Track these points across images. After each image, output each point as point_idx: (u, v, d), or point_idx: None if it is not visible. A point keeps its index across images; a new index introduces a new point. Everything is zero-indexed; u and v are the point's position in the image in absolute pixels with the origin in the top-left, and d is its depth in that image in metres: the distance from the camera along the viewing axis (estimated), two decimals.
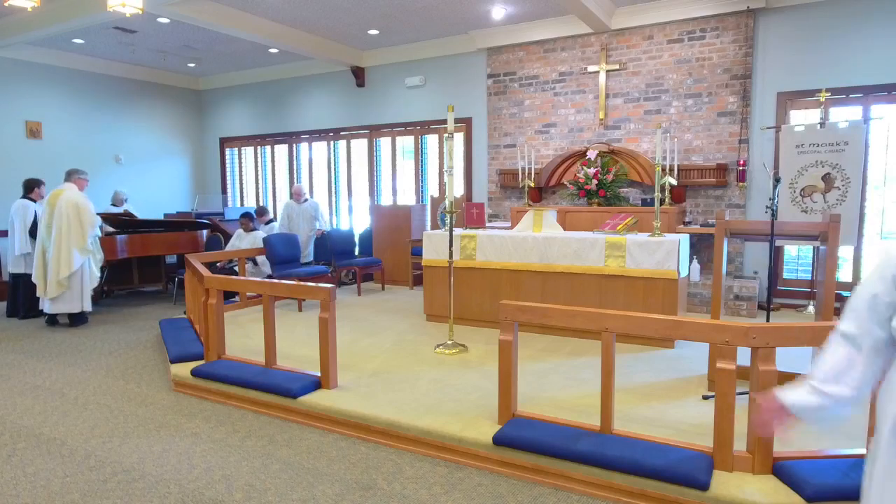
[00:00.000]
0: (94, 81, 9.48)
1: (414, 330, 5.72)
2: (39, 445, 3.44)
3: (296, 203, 8.58)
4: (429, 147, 9.03)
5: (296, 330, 5.70)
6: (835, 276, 3.63)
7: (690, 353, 4.77)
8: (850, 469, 2.63)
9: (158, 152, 10.51)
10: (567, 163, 7.40)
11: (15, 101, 8.55)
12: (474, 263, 5.75)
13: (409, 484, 2.95)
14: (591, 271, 5.21)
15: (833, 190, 5.76)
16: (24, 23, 7.24)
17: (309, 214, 8.54)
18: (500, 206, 8.14)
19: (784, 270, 6.66)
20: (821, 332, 2.87)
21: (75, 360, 5.18)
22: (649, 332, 2.99)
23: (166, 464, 3.18)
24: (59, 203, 6.21)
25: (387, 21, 7.51)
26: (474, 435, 3.18)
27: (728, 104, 6.61)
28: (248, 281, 5.08)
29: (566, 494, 2.86)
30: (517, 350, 3.30)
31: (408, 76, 8.82)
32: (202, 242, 8.01)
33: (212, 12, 6.81)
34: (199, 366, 4.38)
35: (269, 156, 10.75)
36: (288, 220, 8.58)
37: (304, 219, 8.51)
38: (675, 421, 3.37)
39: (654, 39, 6.95)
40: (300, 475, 3.05)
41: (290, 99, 10.10)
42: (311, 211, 8.58)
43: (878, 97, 6.04)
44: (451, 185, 5.00)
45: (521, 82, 7.84)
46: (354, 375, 4.24)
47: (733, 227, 3.95)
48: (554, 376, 4.23)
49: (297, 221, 8.51)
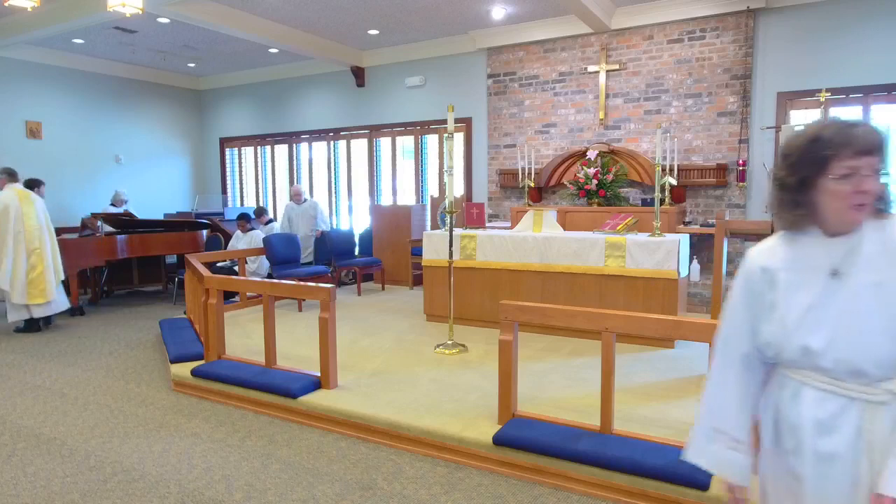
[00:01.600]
0: (94, 81, 9.48)
1: (414, 330, 5.72)
2: (39, 445, 3.44)
3: (295, 204, 8.58)
4: (429, 147, 9.03)
5: (296, 330, 5.70)
6: None
7: (690, 353, 4.77)
8: None
9: (158, 152, 10.51)
10: (567, 163, 7.39)
11: (15, 101, 8.55)
12: (474, 263, 5.75)
13: (409, 484, 2.95)
14: (591, 271, 5.21)
15: None
16: (24, 23, 7.24)
17: (309, 215, 8.54)
18: (500, 206, 8.14)
19: None
20: None
21: (75, 360, 5.18)
22: (649, 332, 2.99)
23: (166, 464, 3.18)
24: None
25: (387, 21, 7.51)
26: (474, 435, 3.18)
27: (728, 104, 6.61)
28: (248, 281, 5.09)
29: (566, 494, 2.86)
30: (517, 350, 3.30)
31: (408, 76, 8.82)
32: (202, 242, 8.01)
33: (212, 12, 6.81)
34: (199, 366, 4.38)
35: (269, 156, 10.74)
36: (289, 221, 8.57)
37: (304, 219, 8.51)
38: (675, 421, 3.37)
39: (654, 39, 6.95)
40: (300, 475, 3.05)
41: (290, 99, 10.10)
42: (311, 211, 8.57)
43: (878, 97, 6.04)
44: (451, 185, 5.00)
45: (521, 82, 7.84)
46: (354, 375, 4.24)
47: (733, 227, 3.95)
48: (554, 376, 4.23)
49: (297, 222, 8.51)
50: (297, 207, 8.56)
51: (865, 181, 1.26)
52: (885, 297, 1.26)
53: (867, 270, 1.28)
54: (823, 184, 1.29)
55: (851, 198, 1.27)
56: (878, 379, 1.27)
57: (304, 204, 8.57)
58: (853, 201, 1.27)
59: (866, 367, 1.27)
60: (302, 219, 8.51)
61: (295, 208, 8.57)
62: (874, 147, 1.26)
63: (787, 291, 1.36)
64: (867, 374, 1.27)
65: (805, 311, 1.33)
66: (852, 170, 1.26)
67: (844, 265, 1.30)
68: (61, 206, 8.75)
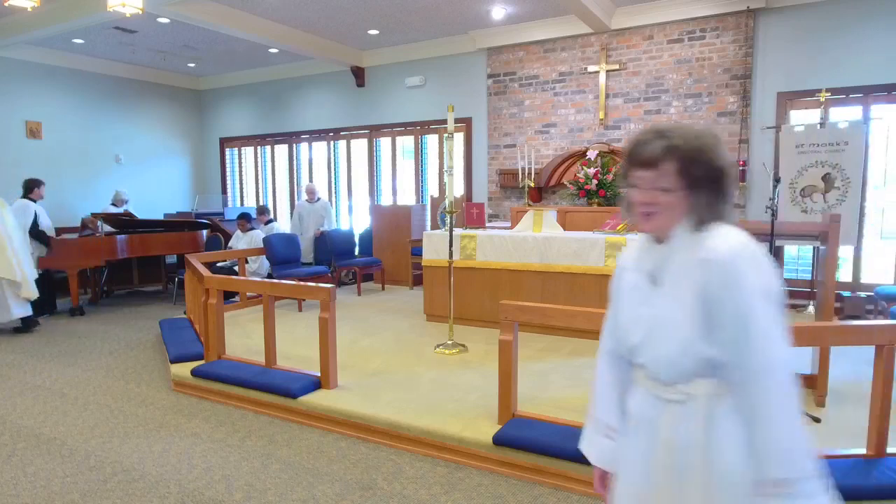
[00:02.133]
0: (94, 81, 9.48)
1: (414, 330, 5.72)
2: (39, 445, 3.44)
3: (308, 203, 8.64)
4: (429, 147, 9.03)
5: (296, 330, 5.70)
6: (835, 276, 3.63)
7: None
8: (850, 469, 2.64)
9: (158, 152, 10.51)
10: (567, 163, 7.40)
11: (15, 101, 8.55)
12: (474, 263, 5.74)
13: (409, 484, 2.95)
14: (591, 271, 5.21)
15: (833, 190, 5.76)
16: (24, 23, 7.24)
17: (319, 214, 8.60)
18: (500, 206, 8.14)
19: (784, 270, 6.66)
20: (821, 332, 2.88)
21: (75, 360, 5.18)
22: None
23: (166, 464, 3.18)
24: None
25: (387, 21, 7.51)
26: (474, 435, 3.18)
27: (728, 104, 6.61)
28: (248, 281, 5.09)
29: (566, 494, 2.85)
30: (517, 350, 3.30)
31: (408, 76, 8.82)
32: (202, 242, 8.01)
33: (212, 12, 6.81)
34: (199, 366, 4.38)
35: (269, 156, 10.75)
36: (300, 219, 8.65)
37: (314, 218, 8.57)
38: None
39: (654, 39, 6.95)
40: (300, 475, 3.05)
41: (290, 99, 10.10)
42: (321, 210, 8.64)
43: (878, 97, 6.04)
44: (451, 185, 5.00)
45: (521, 82, 7.84)
46: (354, 375, 4.24)
47: None
48: (554, 376, 4.23)
49: (308, 221, 8.58)
50: (310, 206, 8.62)
51: (638, 193, 1.32)
52: (679, 307, 1.29)
53: (671, 279, 1.32)
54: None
55: (636, 206, 1.34)
56: (671, 381, 1.33)
57: (316, 203, 8.63)
58: (637, 210, 1.34)
59: (660, 369, 1.34)
60: (312, 217, 8.58)
61: (307, 206, 8.64)
62: (648, 161, 1.30)
63: (626, 292, 1.43)
64: (661, 375, 1.34)
65: (632, 312, 1.40)
66: (636, 180, 1.33)
67: (659, 271, 1.35)
68: (61, 206, 8.76)
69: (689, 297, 1.27)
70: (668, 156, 1.28)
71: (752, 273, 1.23)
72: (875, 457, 2.72)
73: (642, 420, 1.39)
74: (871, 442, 2.75)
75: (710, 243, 1.27)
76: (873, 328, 2.81)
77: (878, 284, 5.88)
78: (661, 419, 1.35)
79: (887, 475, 2.56)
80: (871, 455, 2.73)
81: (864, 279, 6.24)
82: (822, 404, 3.58)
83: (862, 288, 6.15)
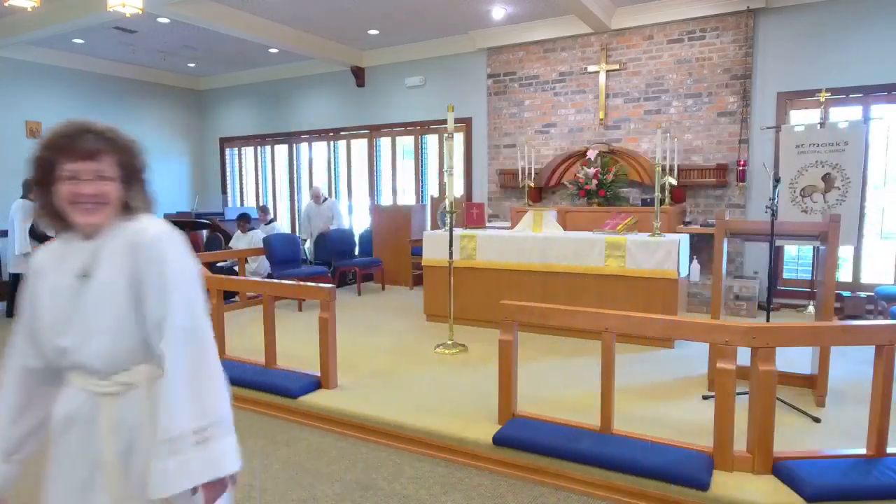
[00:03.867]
0: (94, 81, 9.48)
1: (414, 330, 5.72)
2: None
3: (315, 205, 8.69)
4: (429, 147, 9.03)
5: (296, 330, 5.70)
6: (835, 276, 3.63)
7: (690, 353, 4.76)
8: (850, 469, 2.64)
9: (158, 152, 10.50)
10: (567, 163, 7.39)
11: (15, 101, 8.55)
12: (474, 263, 5.74)
13: (409, 484, 2.95)
14: (591, 271, 5.21)
15: (833, 190, 5.76)
16: (24, 23, 7.24)
17: (326, 215, 8.62)
18: (500, 206, 8.14)
19: (784, 270, 6.66)
20: (821, 332, 2.88)
21: None
22: (649, 332, 2.99)
23: None
24: None
25: (387, 21, 7.51)
26: (474, 435, 3.18)
27: (728, 104, 6.61)
28: (248, 281, 5.09)
29: (566, 494, 2.85)
30: (517, 350, 3.30)
31: (408, 76, 8.82)
32: (202, 242, 8.00)
33: (212, 12, 6.81)
34: None
35: (269, 156, 10.74)
36: (308, 221, 8.72)
37: (321, 219, 8.62)
38: (675, 421, 3.37)
39: (654, 39, 6.95)
40: (300, 475, 3.05)
41: (290, 99, 10.10)
42: (328, 211, 8.67)
43: (878, 97, 6.04)
44: (451, 185, 5.00)
45: (521, 82, 7.84)
46: (354, 375, 4.24)
47: (733, 227, 3.95)
48: (554, 376, 4.23)
49: (315, 222, 8.64)
50: (317, 208, 8.67)
51: (83, 186, 1.34)
52: (112, 295, 1.35)
53: (105, 270, 1.36)
54: (57, 188, 1.35)
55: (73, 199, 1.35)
56: (109, 373, 1.37)
57: (322, 205, 8.67)
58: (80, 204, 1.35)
59: (96, 364, 1.37)
60: (319, 219, 8.63)
61: (314, 208, 8.70)
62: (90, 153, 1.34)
63: (46, 293, 1.41)
64: (98, 369, 1.37)
65: (58, 314, 1.39)
66: (73, 173, 1.34)
67: (90, 267, 1.38)
68: None
69: (122, 282, 1.35)
70: (109, 147, 1.37)
71: (174, 251, 1.38)
72: (875, 457, 2.72)
73: (78, 419, 1.40)
74: (871, 442, 2.75)
75: (138, 227, 1.39)
76: (873, 328, 2.81)
77: (878, 284, 5.89)
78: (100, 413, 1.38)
79: (887, 475, 2.56)
80: (871, 455, 2.73)
81: (864, 279, 6.24)
82: (822, 404, 3.59)
83: (862, 288, 6.15)
